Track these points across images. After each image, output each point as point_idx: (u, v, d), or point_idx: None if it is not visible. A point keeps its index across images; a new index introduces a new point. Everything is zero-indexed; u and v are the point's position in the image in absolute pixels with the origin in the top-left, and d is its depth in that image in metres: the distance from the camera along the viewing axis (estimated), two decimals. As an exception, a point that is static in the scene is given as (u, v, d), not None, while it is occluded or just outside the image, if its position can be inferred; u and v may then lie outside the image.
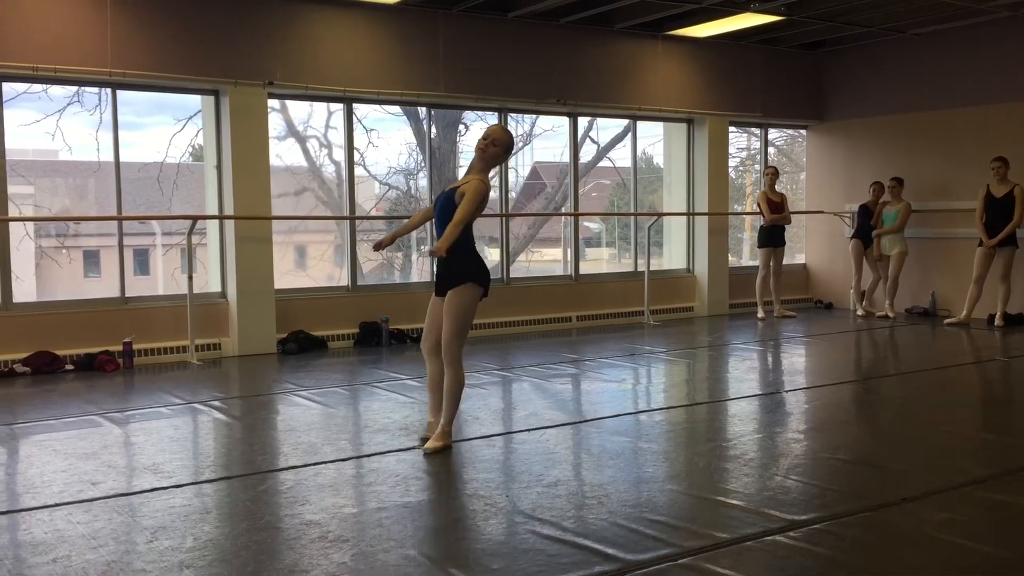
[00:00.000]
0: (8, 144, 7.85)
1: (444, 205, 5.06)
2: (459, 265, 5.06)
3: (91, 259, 10.51)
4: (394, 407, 6.23)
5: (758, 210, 11.40)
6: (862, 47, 11.83)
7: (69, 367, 7.83)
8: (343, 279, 9.64)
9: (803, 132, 12.90)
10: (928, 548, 3.61)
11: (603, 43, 10.55)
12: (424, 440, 5.20)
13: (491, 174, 5.23)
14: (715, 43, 11.30)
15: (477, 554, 3.56)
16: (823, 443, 5.24)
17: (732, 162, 12.41)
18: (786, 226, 11.43)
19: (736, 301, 11.86)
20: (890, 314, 11.08)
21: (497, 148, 5.11)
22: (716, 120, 11.50)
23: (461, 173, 11.41)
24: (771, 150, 12.97)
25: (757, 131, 12.68)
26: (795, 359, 8.63)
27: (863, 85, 11.95)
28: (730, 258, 12.11)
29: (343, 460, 4.98)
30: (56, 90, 8.30)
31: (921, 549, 3.61)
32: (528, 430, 5.56)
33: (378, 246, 5.34)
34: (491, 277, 5.21)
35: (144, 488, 4.44)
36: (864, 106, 11.96)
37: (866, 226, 11.27)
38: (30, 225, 8.96)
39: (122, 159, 8.33)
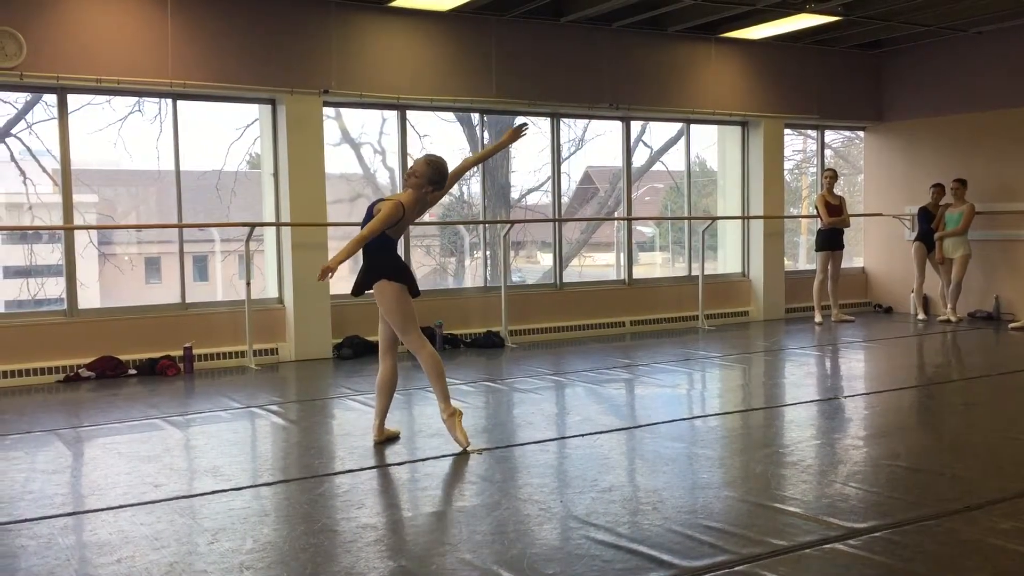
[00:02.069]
0: (72, 154, 8.06)
1: (367, 218, 5.18)
2: (373, 268, 5.21)
3: (152, 266, 10.73)
4: (448, 412, 6.25)
5: (816, 213, 11.24)
6: (921, 46, 11.61)
7: (132, 372, 8.00)
8: (397, 284, 9.70)
9: (860, 133, 12.69)
10: (992, 557, 3.52)
11: (656, 46, 10.50)
12: (378, 444, 5.38)
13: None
14: (770, 44, 11.18)
15: (532, 559, 3.56)
16: (883, 450, 5.14)
17: (787, 165, 12.26)
18: (844, 229, 11.25)
19: (792, 305, 11.71)
20: (952, 318, 10.84)
21: (418, 180, 5.18)
22: (771, 122, 11.37)
23: (513, 178, 11.49)
24: (827, 152, 12.78)
25: (813, 133, 12.51)
26: (854, 364, 8.48)
27: (923, 85, 11.72)
28: (786, 262, 11.96)
29: (398, 464, 5.02)
30: (118, 100, 8.50)
31: (985, 558, 3.52)
32: (582, 435, 5.54)
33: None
34: (415, 284, 5.30)
35: (205, 490, 4.53)
36: (924, 106, 11.73)
37: (928, 229, 11.05)
38: (94, 233, 9.18)
39: (182, 168, 8.50)
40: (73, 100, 8.08)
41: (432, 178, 5.21)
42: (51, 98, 8.03)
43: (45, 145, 8.47)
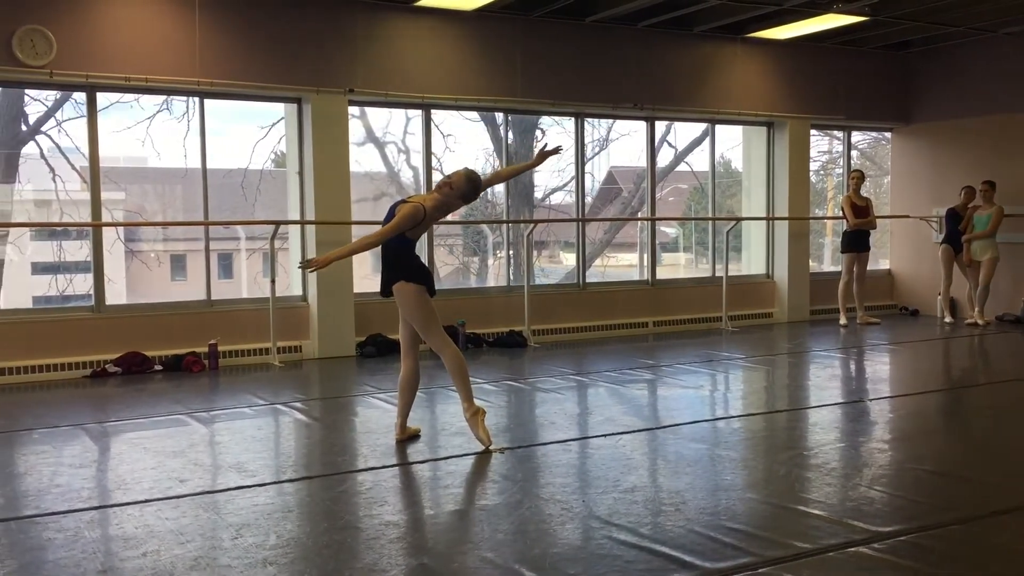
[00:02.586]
0: (101, 151, 8.14)
1: (388, 218, 5.21)
2: (393, 269, 5.24)
3: (178, 263, 10.82)
4: (471, 410, 6.26)
5: (841, 214, 11.16)
6: (950, 47, 11.50)
7: (158, 367, 8.07)
8: (420, 283, 9.72)
9: (887, 135, 12.59)
10: (1019, 563, 3.49)
11: (682, 46, 10.47)
12: (400, 442, 5.41)
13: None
14: (796, 45, 11.11)
15: (553, 558, 3.56)
16: (909, 453, 5.10)
17: (813, 166, 12.18)
18: (870, 231, 11.16)
19: (817, 307, 11.62)
20: (980, 321, 10.72)
21: (453, 191, 5.20)
22: (797, 123, 11.30)
23: (537, 178, 11.48)
24: (854, 153, 12.69)
25: (839, 134, 12.42)
26: (879, 367, 8.41)
27: (952, 86, 11.61)
28: (811, 263, 11.89)
29: (420, 462, 5.03)
30: (146, 99, 8.58)
31: (1012, 564, 3.48)
32: (604, 435, 5.54)
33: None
34: (432, 284, 5.34)
35: (229, 486, 4.56)
36: (953, 108, 11.61)
37: (956, 231, 10.94)
38: (121, 229, 9.27)
39: (208, 166, 8.56)
40: (102, 98, 8.16)
41: (466, 195, 5.26)
42: (80, 96, 8.11)
43: (74, 143, 8.58)
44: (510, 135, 10.38)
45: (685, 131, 11.86)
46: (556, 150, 5.71)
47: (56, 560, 3.59)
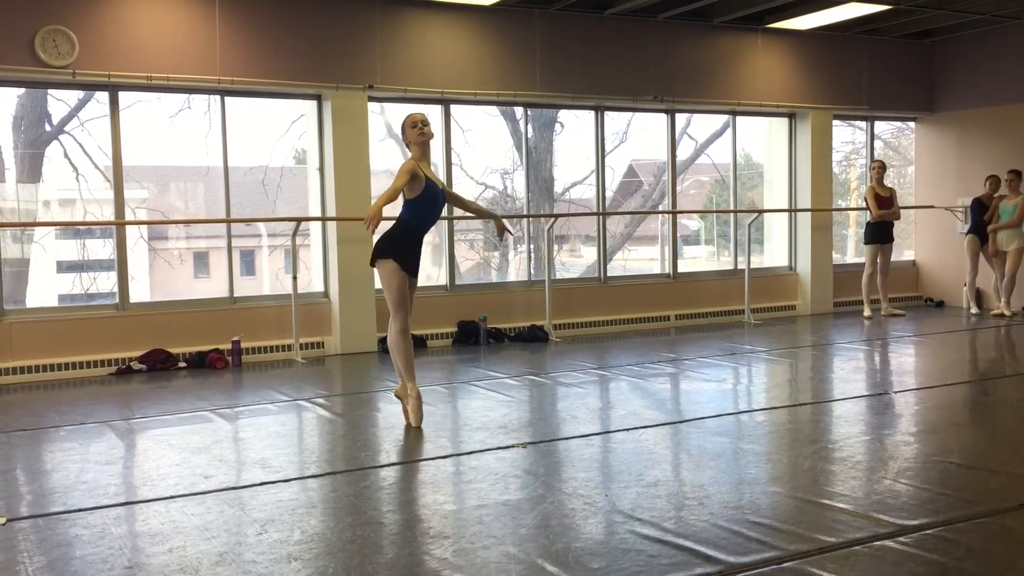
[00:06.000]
0: (123, 150, 8.19)
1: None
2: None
3: (201, 260, 10.88)
4: (493, 405, 6.27)
5: (865, 205, 11.07)
6: (975, 35, 11.37)
7: (182, 364, 8.13)
8: (441, 279, 9.75)
9: (911, 124, 12.47)
10: (1050, 557, 3.45)
11: (702, 38, 10.41)
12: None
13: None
14: (818, 35, 11.02)
15: (577, 552, 3.55)
16: (935, 446, 5.06)
17: (836, 156, 12.08)
18: (894, 222, 11.07)
19: (840, 299, 11.55)
20: (1006, 312, 10.62)
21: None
22: (819, 114, 11.22)
23: (556, 172, 11.45)
24: (877, 143, 12.57)
25: (862, 124, 12.31)
26: (904, 359, 8.34)
27: (976, 75, 11.48)
28: (834, 255, 11.80)
29: (443, 457, 5.04)
30: (168, 98, 8.63)
31: (1042, 558, 3.45)
32: (626, 429, 5.52)
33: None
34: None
35: (253, 482, 4.59)
36: (977, 96, 11.49)
37: (981, 221, 10.83)
38: (144, 227, 9.33)
39: (229, 163, 8.60)
40: (124, 97, 8.21)
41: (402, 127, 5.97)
42: (103, 95, 8.17)
43: (97, 142, 8.64)
44: (529, 129, 10.36)
45: (705, 123, 11.79)
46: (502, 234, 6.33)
47: (83, 556, 3.62)
